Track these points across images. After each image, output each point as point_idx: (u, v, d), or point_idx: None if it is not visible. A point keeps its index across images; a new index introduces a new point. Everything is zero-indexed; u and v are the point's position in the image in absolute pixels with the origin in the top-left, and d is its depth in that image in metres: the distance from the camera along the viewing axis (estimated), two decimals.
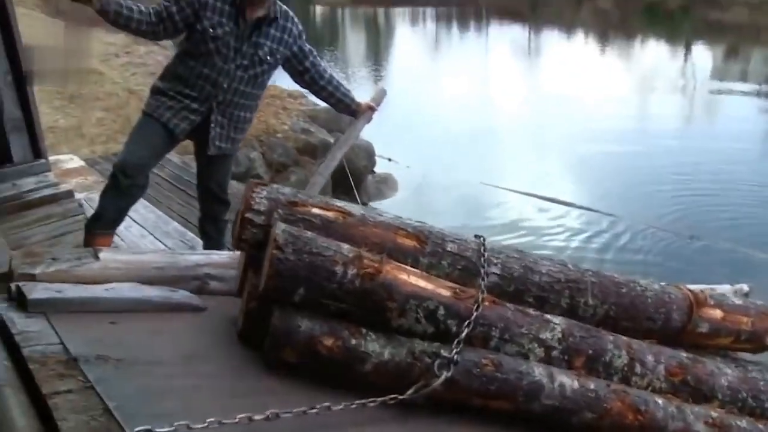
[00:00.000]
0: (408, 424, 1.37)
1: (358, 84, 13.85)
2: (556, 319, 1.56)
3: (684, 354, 1.73)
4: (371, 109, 3.47)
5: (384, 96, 3.66)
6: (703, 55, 19.60)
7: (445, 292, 1.43)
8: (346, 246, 1.38)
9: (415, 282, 1.41)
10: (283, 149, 7.55)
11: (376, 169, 8.58)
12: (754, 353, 2.02)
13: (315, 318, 1.35)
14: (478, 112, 12.30)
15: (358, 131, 3.60)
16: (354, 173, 5.60)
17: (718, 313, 1.85)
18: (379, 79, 15.63)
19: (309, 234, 1.37)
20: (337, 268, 1.34)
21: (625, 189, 8.65)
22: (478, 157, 9.29)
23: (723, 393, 1.71)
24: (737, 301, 1.96)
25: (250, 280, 1.46)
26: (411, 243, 1.51)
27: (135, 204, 3.27)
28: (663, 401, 1.57)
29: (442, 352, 1.38)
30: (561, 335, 1.54)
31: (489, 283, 1.52)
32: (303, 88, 3.50)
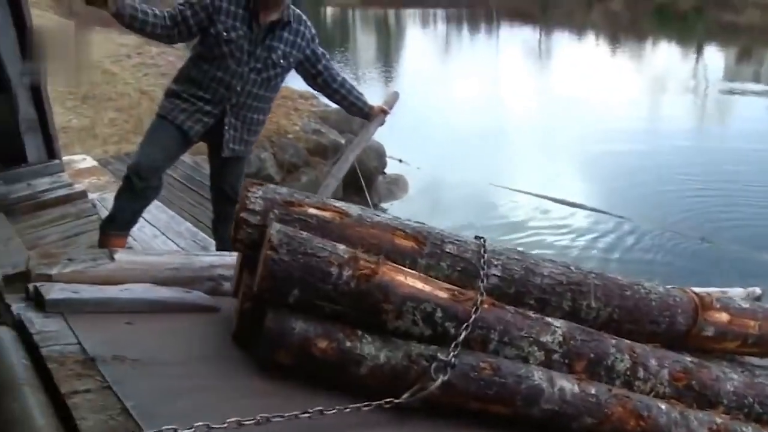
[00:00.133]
0: (404, 428, 1.34)
1: (369, 85, 13.83)
2: (557, 322, 1.53)
3: (689, 358, 1.69)
4: (384, 112, 3.51)
5: (396, 99, 3.68)
6: (715, 57, 19.42)
7: (443, 294, 1.41)
8: (342, 247, 1.36)
9: (413, 283, 1.38)
10: (294, 150, 7.55)
11: (386, 170, 8.57)
12: (761, 358, 1.98)
13: (310, 320, 1.33)
14: (489, 114, 12.25)
15: (371, 134, 3.62)
16: (365, 174, 5.59)
17: (724, 316, 1.81)
18: (390, 81, 15.61)
19: (304, 234, 1.35)
20: (333, 269, 1.32)
21: (636, 190, 8.59)
22: (489, 158, 9.28)
23: (728, 398, 1.67)
24: (744, 304, 1.92)
25: (245, 281, 1.44)
26: (409, 244, 1.48)
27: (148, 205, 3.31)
28: (666, 407, 1.54)
29: (440, 355, 1.35)
30: (562, 338, 1.51)
31: (489, 285, 1.50)
32: (316, 92, 3.51)
